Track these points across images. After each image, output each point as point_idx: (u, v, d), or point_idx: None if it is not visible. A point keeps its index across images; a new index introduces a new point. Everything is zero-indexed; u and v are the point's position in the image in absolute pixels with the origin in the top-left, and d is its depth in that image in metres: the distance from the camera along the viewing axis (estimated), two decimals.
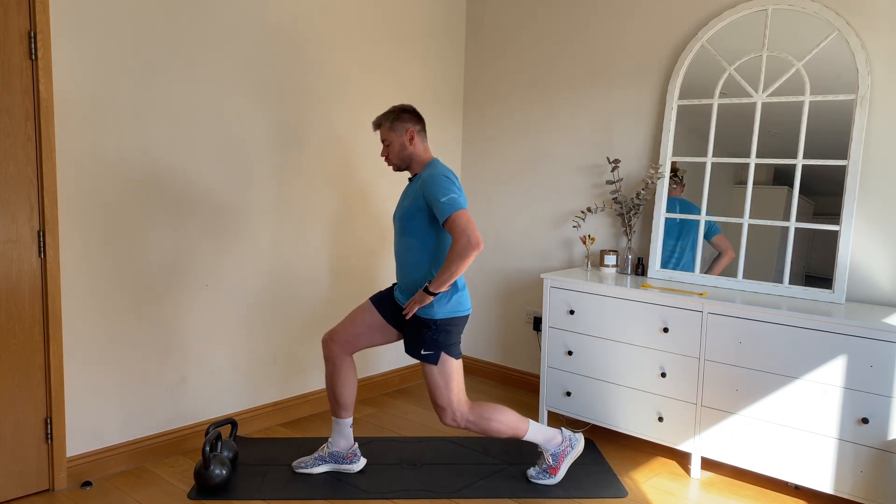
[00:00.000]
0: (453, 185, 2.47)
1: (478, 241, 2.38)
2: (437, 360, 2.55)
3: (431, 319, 2.53)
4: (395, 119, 2.60)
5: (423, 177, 2.52)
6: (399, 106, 2.64)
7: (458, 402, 2.60)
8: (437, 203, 2.43)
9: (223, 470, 2.58)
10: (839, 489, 2.50)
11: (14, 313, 2.45)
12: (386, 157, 2.65)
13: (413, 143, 2.60)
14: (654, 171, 3.19)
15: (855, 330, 2.43)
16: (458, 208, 2.41)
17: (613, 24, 3.45)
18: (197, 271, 2.93)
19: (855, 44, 2.73)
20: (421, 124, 2.64)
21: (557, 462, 2.71)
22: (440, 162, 2.62)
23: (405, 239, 2.59)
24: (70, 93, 2.50)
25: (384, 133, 2.63)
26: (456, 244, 2.38)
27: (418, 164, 2.62)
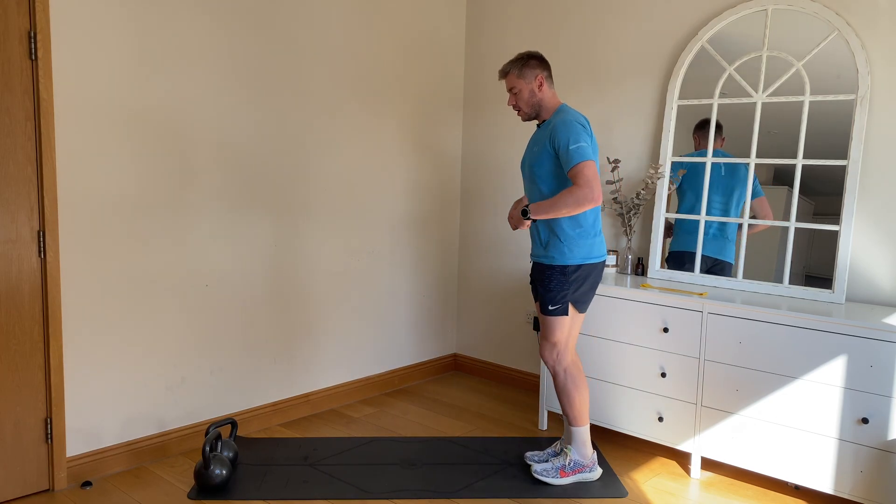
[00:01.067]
0: (584, 133, 2.44)
1: (599, 196, 2.38)
2: (565, 312, 2.58)
3: (562, 266, 2.53)
4: (523, 66, 2.56)
5: (555, 122, 2.49)
6: (526, 52, 2.60)
7: (570, 348, 2.65)
8: (565, 150, 2.41)
9: (223, 470, 2.58)
10: (839, 489, 2.50)
11: (14, 313, 2.45)
12: (514, 104, 2.61)
13: (542, 89, 2.57)
14: (654, 171, 3.19)
15: (855, 330, 2.43)
16: (585, 158, 2.38)
17: (613, 24, 3.45)
18: (197, 271, 2.93)
19: (855, 44, 2.73)
20: (548, 70, 2.61)
21: (573, 470, 2.71)
22: (570, 108, 2.58)
23: (535, 187, 2.57)
24: (70, 93, 2.50)
25: (512, 81, 2.59)
26: (577, 189, 2.37)
27: (547, 111, 2.59)
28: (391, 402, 3.65)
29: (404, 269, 3.86)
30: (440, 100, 3.96)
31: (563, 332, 2.62)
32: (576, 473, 2.70)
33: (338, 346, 3.55)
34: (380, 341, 3.77)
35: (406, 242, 3.86)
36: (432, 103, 3.92)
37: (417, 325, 3.98)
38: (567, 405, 2.68)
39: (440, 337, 4.14)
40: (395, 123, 3.71)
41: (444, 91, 3.98)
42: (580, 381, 2.68)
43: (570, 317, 2.62)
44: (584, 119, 2.51)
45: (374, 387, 3.76)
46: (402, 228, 3.82)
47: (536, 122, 2.64)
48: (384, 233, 3.73)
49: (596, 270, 2.61)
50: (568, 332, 2.63)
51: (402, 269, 3.85)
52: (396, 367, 3.90)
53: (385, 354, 3.82)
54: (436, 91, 3.93)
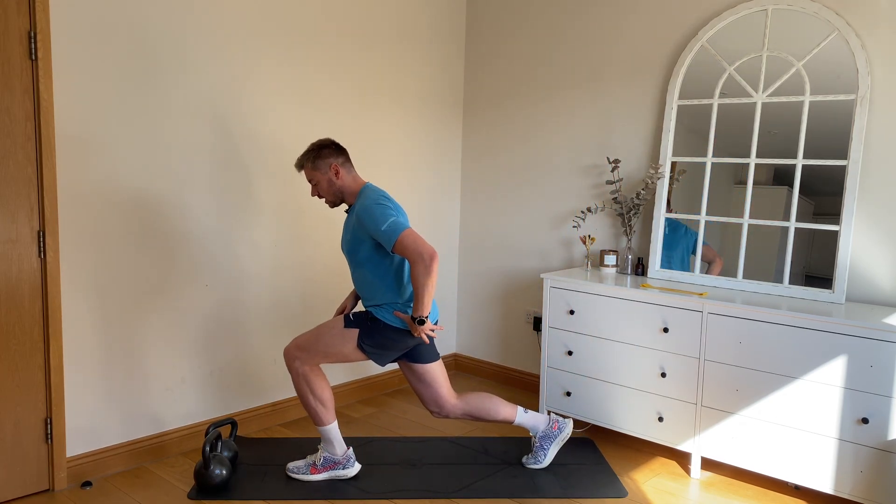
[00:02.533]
0: (387, 209, 2.47)
1: (432, 254, 2.39)
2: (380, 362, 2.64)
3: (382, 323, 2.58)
4: (315, 157, 2.58)
5: (357, 210, 2.53)
6: (317, 143, 2.62)
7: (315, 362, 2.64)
8: (378, 234, 2.44)
9: (223, 470, 2.58)
10: (839, 489, 2.50)
11: (14, 313, 2.45)
12: (318, 195, 2.64)
13: (339, 176, 2.59)
14: (654, 171, 3.19)
15: (855, 330, 2.43)
16: (400, 230, 2.41)
17: (613, 24, 3.45)
18: (197, 271, 2.93)
19: (855, 44, 2.73)
20: (343, 155, 2.62)
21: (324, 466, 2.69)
22: (371, 187, 2.60)
23: (358, 270, 2.61)
24: (70, 92, 2.50)
25: (309, 173, 2.61)
26: (414, 266, 2.40)
27: (351, 195, 2.62)
28: (391, 402, 3.65)
29: None
30: (440, 100, 3.96)
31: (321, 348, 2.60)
32: (328, 469, 2.70)
33: None
34: None
35: None
36: (432, 103, 3.92)
37: None
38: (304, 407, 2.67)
39: (440, 337, 4.14)
40: (395, 123, 3.71)
41: (444, 91, 3.98)
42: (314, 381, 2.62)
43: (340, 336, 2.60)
44: (382, 197, 2.53)
45: (374, 387, 3.76)
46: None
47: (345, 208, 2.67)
48: None
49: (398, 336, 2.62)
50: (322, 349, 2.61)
51: None
52: (396, 367, 3.90)
53: None
54: (436, 91, 3.93)
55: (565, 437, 2.83)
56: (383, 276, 2.57)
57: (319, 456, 2.70)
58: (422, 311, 2.46)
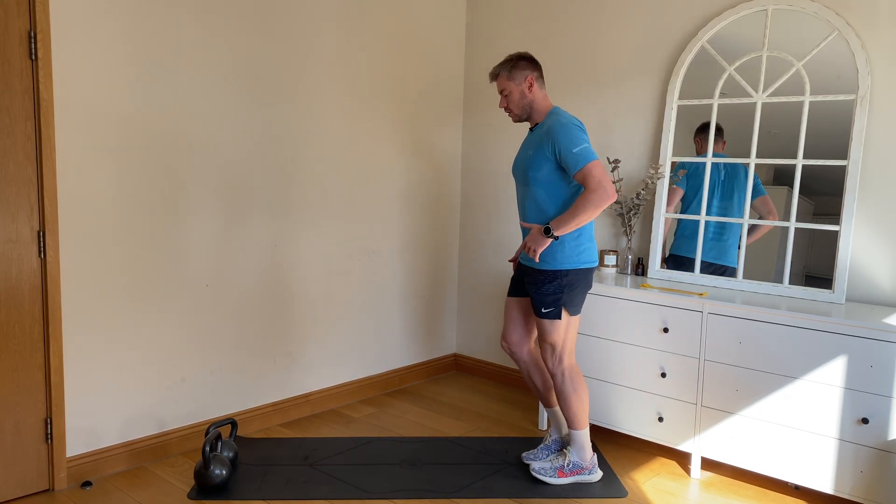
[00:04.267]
0: (583, 134, 2.43)
1: (614, 194, 2.38)
2: (559, 316, 2.57)
3: (554, 270, 2.52)
4: (513, 67, 2.55)
5: (550, 125, 2.48)
6: (516, 54, 2.59)
7: (568, 350, 2.64)
8: (568, 154, 2.39)
9: (223, 470, 2.58)
10: (839, 489, 2.50)
11: (14, 313, 2.45)
12: (506, 107, 2.60)
13: (532, 90, 2.56)
14: (654, 171, 3.19)
15: (855, 330, 2.43)
16: (592, 158, 2.38)
17: (613, 24, 3.45)
18: (197, 271, 2.93)
19: (855, 44, 2.73)
20: (539, 71, 2.59)
21: (572, 472, 2.71)
22: (562, 111, 2.56)
23: (530, 190, 2.55)
24: (70, 93, 2.50)
25: (502, 83, 2.57)
26: (591, 193, 2.36)
27: (539, 113, 2.58)
28: (391, 402, 3.65)
29: (404, 269, 3.86)
30: (440, 100, 3.96)
31: (560, 334, 2.61)
32: (574, 475, 2.70)
33: (338, 346, 3.55)
34: (380, 341, 3.77)
35: (406, 242, 3.86)
36: (432, 103, 3.92)
37: (418, 325, 3.98)
38: (565, 408, 2.68)
39: (440, 337, 4.14)
40: (395, 124, 3.71)
41: (443, 91, 3.98)
42: (579, 384, 2.67)
43: (564, 320, 2.61)
44: (578, 121, 2.50)
45: (373, 387, 3.76)
46: (402, 228, 3.82)
47: (529, 126, 2.64)
48: (384, 233, 3.72)
49: (588, 275, 2.61)
50: (564, 335, 2.62)
51: (402, 269, 3.85)
52: (396, 367, 3.90)
53: (385, 354, 3.82)
54: (436, 91, 3.93)
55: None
56: (553, 200, 2.51)
57: (569, 460, 2.69)
58: (559, 229, 2.42)
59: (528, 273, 2.61)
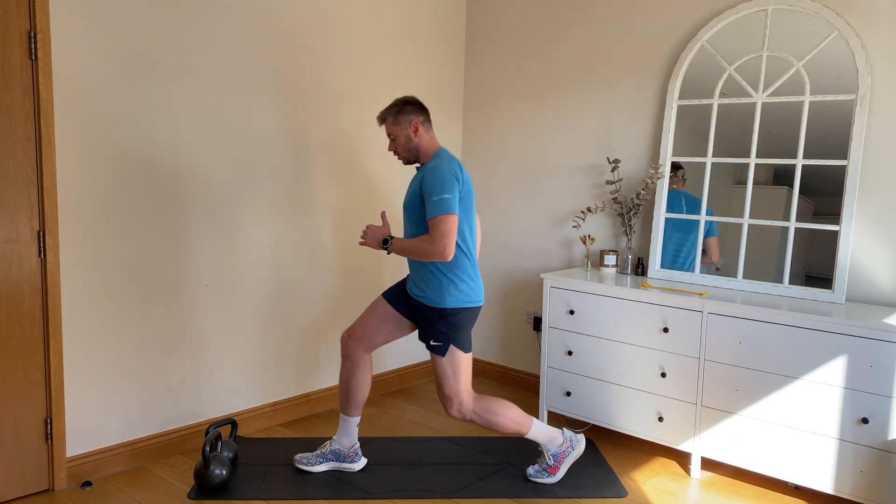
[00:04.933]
0: (452, 185, 2.44)
1: (447, 254, 2.40)
2: (444, 352, 2.56)
3: (441, 309, 2.53)
4: (398, 112, 2.59)
5: (427, 168, 2.51)
6: (402, 98, 2.63)
7: (464, 394, 2.60)
8: (428, 199, 2.43)
9: (223, 470, 2.58)
10: (839, 489, 2.50)
11: (14, 313, 2.45)
12: (394, 150, 2.64)
13: (418, 134, 2.59)
14: (654, 171, 3.19)
15: (855, 330, 2.43)
16: (445, 212, 2.40)
17: (613, 24, 3.45)
18: (197, 271, 2.93)
19: (855, 44, 2.73)
20: (425, 114, 2.62)
21: (558, 462, 2.72)
22: (447, 153, 2.59)
23: (412, 228, 2.59)
24: (70, 93, 2.50)
25: (389, 127, 2.62)
26: (429, 244, 2.41)
27: (425, 155, 2.61)
28: (391, 402, 3.65)
29: (404, 268, 3.86)
30: (440, 99, 3.96)
31: (452, 381, 2.58)
32: (563, 462, 2.71)
33: (338, 345, 3.55)
34: None
35: None
36: (432, 103, 3.91)
37: None
38: (504, 431, 2.66)
39: None
40: None
41: (444, 91, 3.98)
42: (495, 407, 2.63)
43: (455, 359, 2.58)
44: (457, 166, 2.50)
45: (374, 387, 3.76)
46: (402, 228, 3.82)
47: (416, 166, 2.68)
48: None
49: (473, 314, 2.61)
50: (456, 379, 2.59)
51: (402, 269, 3.85)
52: (396, 367, 3.90)
53: (385, 354, 3.82)
54: (436, 91, 3.93)
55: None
56: None
57: (549, 456, 2.72)
58: (397, 249, 2.49)
59: (418, 305, 2.62)
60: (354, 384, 2.72)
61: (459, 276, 2.53)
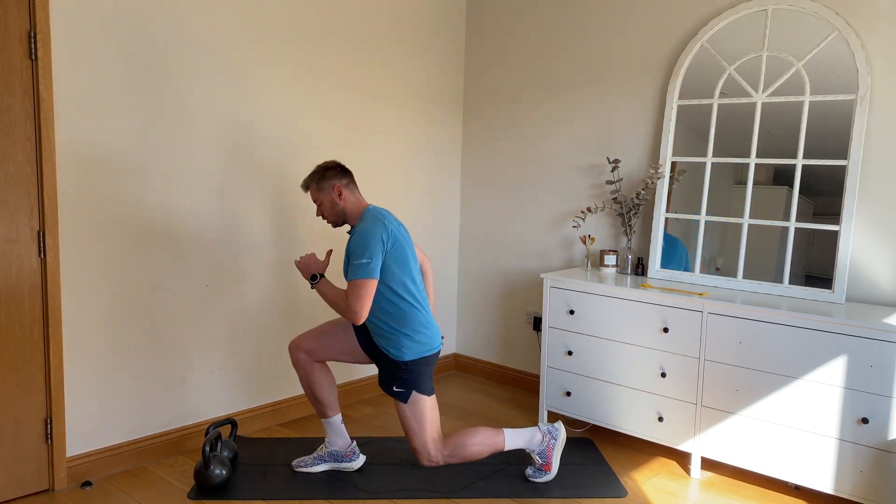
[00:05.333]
0: (373, 246, 2.45)
1: (358, 319, 2.45)
2: (407, 399, 2.58)
3: (402, 361, 2.57)
4: (320, 179, 2.61)
5: (353, 230, 2.55)
6: (322, 165, 2.65)
7: (432, 443, 2.60)
8: (348, 262, 2.50)
9: (223, 470, 2.58)
10: (839, 489, 2.50)
11: (14, 313, 2.45)
12: (321, 215, 2.66)
13: (342, 198, 2.61)
14: (654, 171, 3.19)
15: (855, 330, 2.43)
16: (362, 277, 2.43)
17: (613, 25, 3.45)
18: (197, 271, 2.93)
19: (855, 44, 2.73)
20: (347, 177, 2.64)
21: (547, 458, 2.72)
22: (372, 212, 2.58)
23: None
24: (70, 93, 2.50)
25: (313, 194, 2.64)
26: (345, 303, 2.46)
27: (353, 217, 2.64)
28: (391, 402, 3.65)
29: None
30: (440, 99, 3.96)
31: (419, 433, 2.58)
32: (550, 456, 2.72)
33: None
34: None
35: None
36: (432, 103, 3.91)
37: None
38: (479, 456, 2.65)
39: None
40: (395, 123, 3.71)
41: (444, 91, 3.98)
42: (466, 444, 2.61)
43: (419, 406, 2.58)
44: (381, 226, 2.51)
45: (374, 387, 3.76)
46: None
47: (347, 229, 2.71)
48: None
49: (431, 360, 2.63)
50: (422, 429, 2.59)
51: None
52: None
53: None
54: (436, 91, 3.93)
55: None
56: (376, 305, 2.56)
57: (537, 455, 2.73)
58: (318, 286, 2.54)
59: (380, 353, 2.64)
60: (318, 389, 2.72)
61: (414, 328, 2.57)
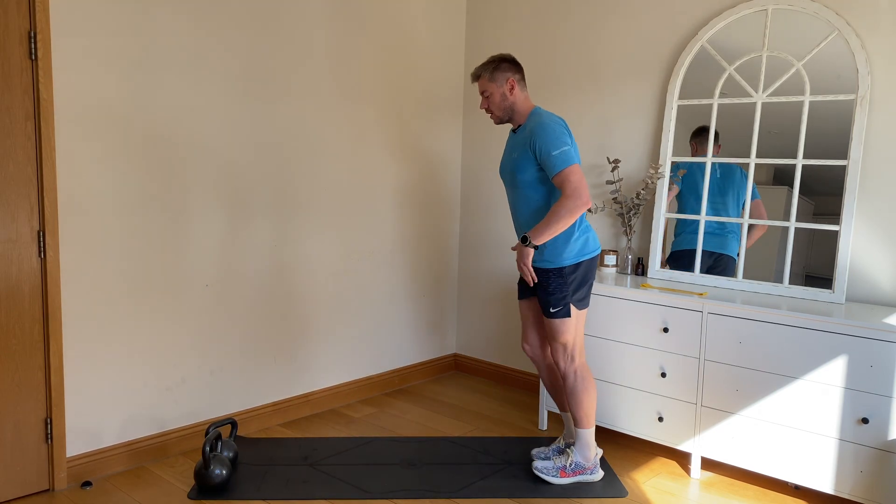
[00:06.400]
0: (565, 136, 2.42)
1: (588, 200, 2.37)
2: (568, 314, 2.57)
3: (559, 268, 2.52)
4: (494, 69, 2.55)
5: (532, 126, 2.47)
6: (498, 55, 2.58)
7: (579, 348, 2.63)
8: (548, 156, 2.39)
9: (223, 470, 2.58)
10: (839, 489, 2.50)
11: (14, 313, 2.45)
12: (486, 108, 2.60)
13: (513, 92, 2.56)
14: (654, 171, 3.19)
15: (855, 330, 2.43)
16: (571, 163, 2.37)
17: (613, 24, 3.45)
18: (197, 271, 2.93)
19: (855, 44, 2.73)
20: (520, 73, 2.59)
21: (574, 472, 2.71)
22: (544, 111, 2.55)
23: (520, 192, 2.56)
24: (70, 92, 2.50)
25: (483, 84, 2.57)
26: (566, 200, 2.36)
27: (520, 115, 2.58)
28: (391, 402, 3.65)
29: (404, 269, 3.86)
30: (440, 100, 3.96)
31: (571, 333, 2.61)
32: (576, 475, 2.70)
33: (338, 346, 3.55)
34: (380, 341, 3.77)
35: (406, 242, 3.86)
36: (432, 104, 3.92)
37: (417, 325, 3.98)
38: (575, 406, 2.67)
39: (440, 337, 4.14)
40: (395, 124, 3.71)
41: (443, 91, 3.98)
42: (589, 383, 2.67)
43: (573, 317, 2.61)
44: (562, 121, 2.49)
45: (373, 387, 3.76)
46: (402, 228, 3.82)
47: (511, 128, 2.64)
48: (384, 233, 3.72)
49: (592, 265, 2.62)
50: (574, 332, 2.62)
51: (402, 269, 3.85)
52: (396, 367, 3.90)
53: (385, 354, 3.82)
54: (435, 91, 3.93)
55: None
56: (545, 199, 2.51)
57: (571, 460, 2.69)
58: (537, 237, 2.43)
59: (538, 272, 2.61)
60: (557, 383, 2.82)
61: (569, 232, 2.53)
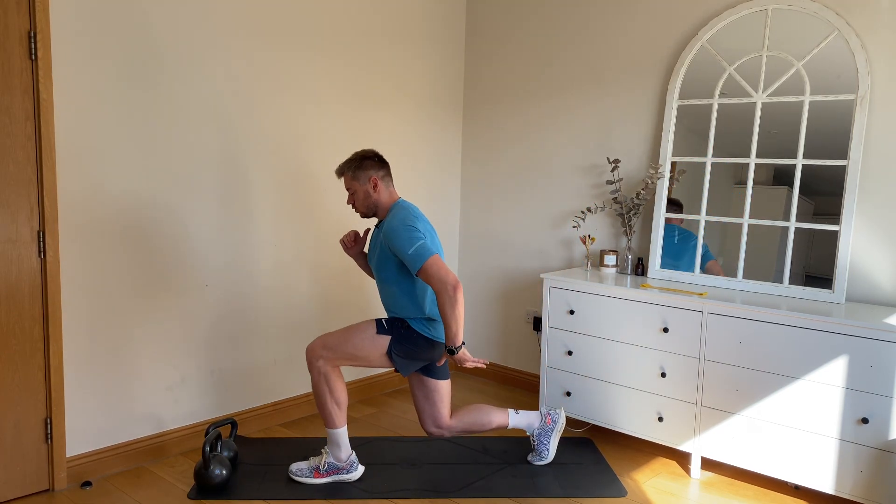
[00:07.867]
0: (416, 231, 2.45)
1: (456, 283, 2.40)
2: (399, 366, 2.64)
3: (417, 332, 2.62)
4: (357, 168, 2.59)
5: (385, 228, 2.53)
6: (360, 153, 2.63)
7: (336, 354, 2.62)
8: (405, 257, 2.44)
9: (223, 470, 2.58)
10: (839, 489, 2.50)
11: (14, 313, 2.45)
12: (352, 204, 2.65)
13: (377, 190, 2.60)
14: (654, 171, 3.19)
15: (855, 330, 2.43)
16: (426, 257, 2.41)
17: (613, 24, 3.45)
18: (197, 271, 2.93)
19: (855, 44, 2.73)
20: (384, 169, 2.62)
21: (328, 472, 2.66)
22: (403, 204, 2.60)
23: (385, 286, 2.63)
24: (70, 92, 2.50)
25: (348, 182, 2.62)
26: (439, 296, 2.40)
27: (383, 210, 2.63)
28: (391, 402, 3.65)
29: None
30: (440, 100, 3.96)
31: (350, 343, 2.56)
32: (331, 475, 2.67)
33: None
34: None
35: None
36: (432, 103, 3.92)
37: None
38: (318, 407, 2.63)
39: None
40: (395, 124, 3.71)
41: (443, 91, 3.98)
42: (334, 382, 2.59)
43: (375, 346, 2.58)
44: (412, 216, 2.51)
45: (374, 387, 3.76)
46: None
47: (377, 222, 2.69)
48: None
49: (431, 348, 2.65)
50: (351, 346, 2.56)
51: None
52: None
53: None
54: (436, 91, 3.93)
55: (561, 427, 2.87)
56: (409, 293, 2.58)
57: (324, 461, 2.67)
58: (454, 342, 2.47)
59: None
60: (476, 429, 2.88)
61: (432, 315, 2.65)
